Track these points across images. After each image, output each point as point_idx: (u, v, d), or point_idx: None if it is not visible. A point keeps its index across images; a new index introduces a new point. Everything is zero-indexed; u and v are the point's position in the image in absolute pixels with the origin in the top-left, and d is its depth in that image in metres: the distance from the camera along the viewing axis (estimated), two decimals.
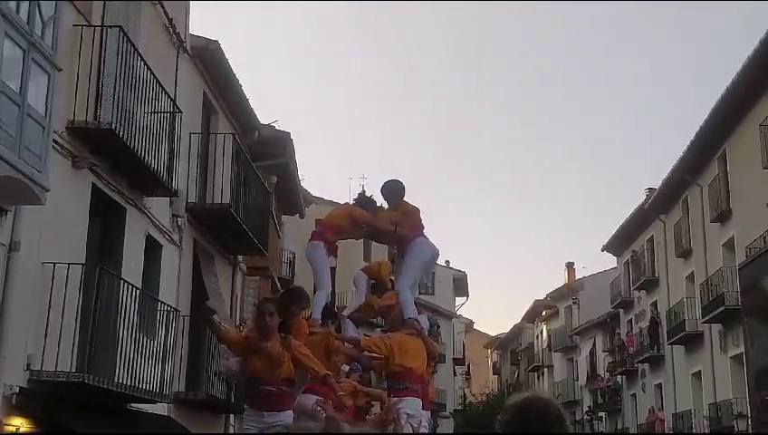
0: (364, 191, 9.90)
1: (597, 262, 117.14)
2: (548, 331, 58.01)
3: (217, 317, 8.45)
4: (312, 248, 9.24)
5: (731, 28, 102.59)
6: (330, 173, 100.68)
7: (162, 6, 15.40)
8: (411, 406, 8.26)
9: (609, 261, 45.64)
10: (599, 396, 46.39)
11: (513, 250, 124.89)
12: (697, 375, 31.04)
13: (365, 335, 9.56)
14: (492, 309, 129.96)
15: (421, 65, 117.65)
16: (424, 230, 9.43)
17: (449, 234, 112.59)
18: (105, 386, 11.35)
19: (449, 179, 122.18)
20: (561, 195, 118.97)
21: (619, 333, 42.90)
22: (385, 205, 9.76)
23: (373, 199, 9.67)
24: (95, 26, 12.13)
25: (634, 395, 40.68)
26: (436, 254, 9.68)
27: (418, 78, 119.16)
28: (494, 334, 75.92)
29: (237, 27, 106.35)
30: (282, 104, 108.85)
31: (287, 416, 7.21)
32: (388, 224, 9.50)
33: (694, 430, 30.29)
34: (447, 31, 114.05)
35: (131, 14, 13.91)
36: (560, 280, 56.94)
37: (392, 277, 10.52)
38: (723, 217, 27.39)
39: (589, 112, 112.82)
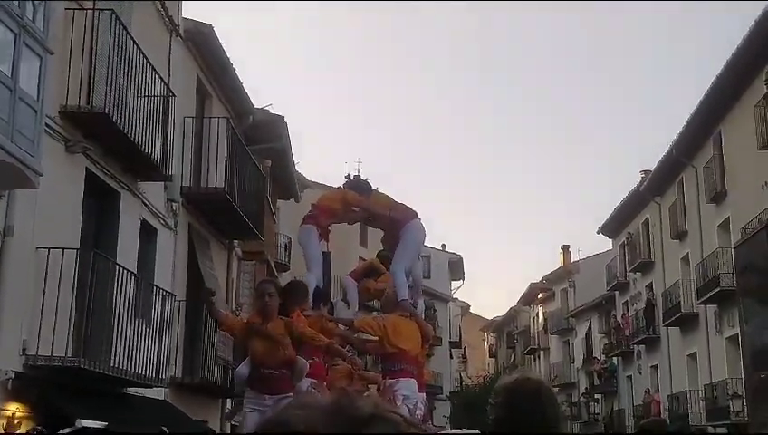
0: (359, 175, 9.82)
1: (592, 244, 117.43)
2: (544, 313, 58.12)
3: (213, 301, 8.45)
4: (304, 232, 9.28)
5: (725, 9, 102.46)
6: (325, 157, 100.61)
7: None
8: (407, 387, 8.28)
9: (605, 243, 45.70)
10: (595, 378, 46.53)
11: (509, 233, 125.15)
12: (693, 356, 31.13)
13: (359, 318, 9.58)
14: (488, 292, 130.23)
15: (416, 45, 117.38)
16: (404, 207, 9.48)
17: (445, 217, 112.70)
18: (101, 371, 11.36)
19: (445, 162, 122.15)
20: (556, 178, 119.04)
21: (614, 315, 42.99)
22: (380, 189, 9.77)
23: (368, 182, 9.64)
24: (87, 10, 12.06)
25: (630, 377, 40.80)
26: (425, 236, 9.80)
27: (414, 58, 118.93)
28: (490, 317, 76.07)
29: (231, 10, 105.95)
30: (276, 88, 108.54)
31: (288, 399, 7.20)
32: (382, 208, 9.50)
33: (690, 412, 30.39)
34: (443, 10, 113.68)
35: None
36: (556, 263, 57.05)
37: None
38: (718, 198, 27.40)
39: (584, 95, 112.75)
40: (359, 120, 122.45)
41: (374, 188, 9.75)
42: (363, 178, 9.76)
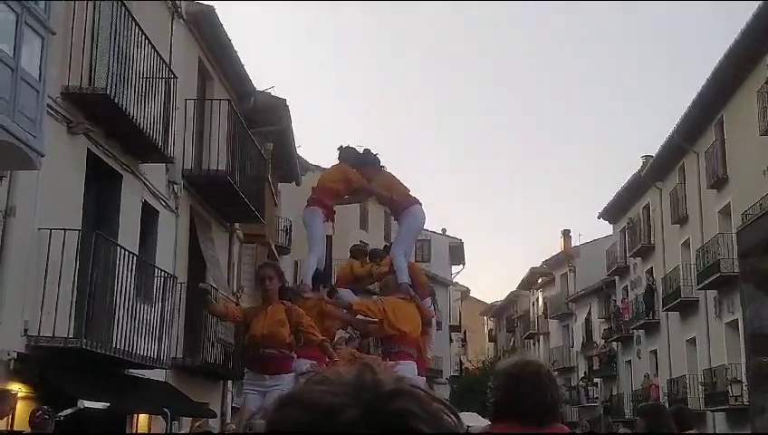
0: (368, 150, 9.66)
1: (593, 229, 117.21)
2: (544, 298, 58.19)
3: (213, 285, 8.49)
4: (308, 213, 9.28)
5: None
6: (326, 141, 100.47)
7: None
8: (406, 370, 8.27)
9: (606, 228, 45.71)
10: (594, 362, 46.63)
11: (510, 218, 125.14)
12: (692, 341, 31.18)
13: (358, 301, 9.60)
14: (488, 277, 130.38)
15: (421, 28, 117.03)
16: (408, 191, 9.48)
17: (446, 202, 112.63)
18: (102, 352, 11.39)
19: (446, 147, 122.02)
20: (557, 162, 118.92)
21: (614, 300, 43.03)
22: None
23: (378, 158, 9.54)
24: None
25: (629, 361, 40.89)
26: (424, 222, 9.82)
27: (418, 42, 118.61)
28: (490, 302, 76.19)
29: None
30: (278, 71, 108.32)
31: (288, 379, 7.21)
32: (385, 189, 9.50)
33: (688, 396, 30.47)
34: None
35: None
36: (556, 247, 57.04)
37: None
38: (719, 183, 27.38)
39: (585, 80, 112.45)
40: (360, 104, 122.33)
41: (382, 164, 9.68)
42: (373, 152, 9.61)
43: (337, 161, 9.69)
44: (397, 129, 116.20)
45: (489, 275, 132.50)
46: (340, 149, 9.66)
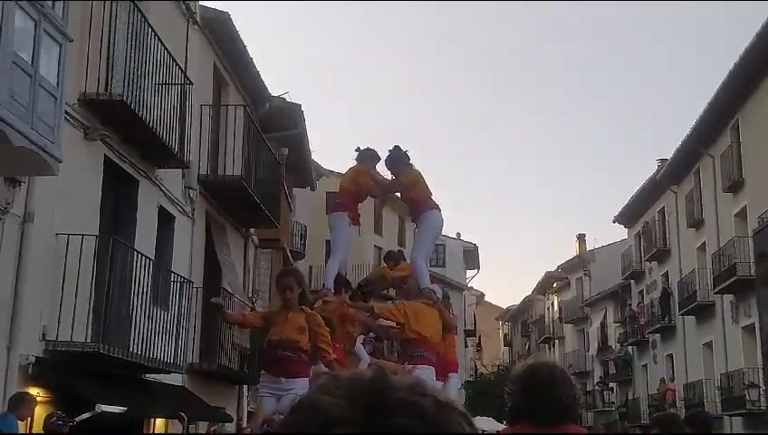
0: (398, 147, 9.58)
1: (608, 233, 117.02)
2: (559, 302, 58.04)
3: (229, 290, 8.51)
4: (335, 219, 9.41)
5: None
6: (341, 145, 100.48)
7: None
8: (425, 374, 8.26)
9: (621, 232, 45.60)
10: (610, 367, 46.46)
11: (525, 222, 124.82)
12: (709, 345, 31.03)
13: (379, 304, 9.62)
14: (503, 281, 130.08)
15: (435, 33, 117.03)
16: (431, 195, 9.47)
17: (460, 206, 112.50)
18: (120, 356, 11.45)
19: (461, 151, 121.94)
20: (572, 166, 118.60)
21: (630, 305, 42.87)
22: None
23: (406, 154, 9.49)
24: None
25: (645, 366, 40.72)
26: (442, 226, 9.81)
27: (431, 47, 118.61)
28: (505, 306, 76.05)
29: None
30: (293, 76, 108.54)
31: (303, 383, 7.20)
32: (403, 187, 9.53)
33: (705, 401, 30.31)
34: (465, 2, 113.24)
35: None
36: (571, 251, 56.96)
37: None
38: (735, 187, 27.26)
39: (601, 83, 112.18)
40: (375, 109, 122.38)
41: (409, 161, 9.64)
42: (403, 149, 9.55)
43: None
44: (412, 133, 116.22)
45: (504, 280, 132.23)
46: (358, 150, 9.70)
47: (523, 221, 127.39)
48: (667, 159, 34.58)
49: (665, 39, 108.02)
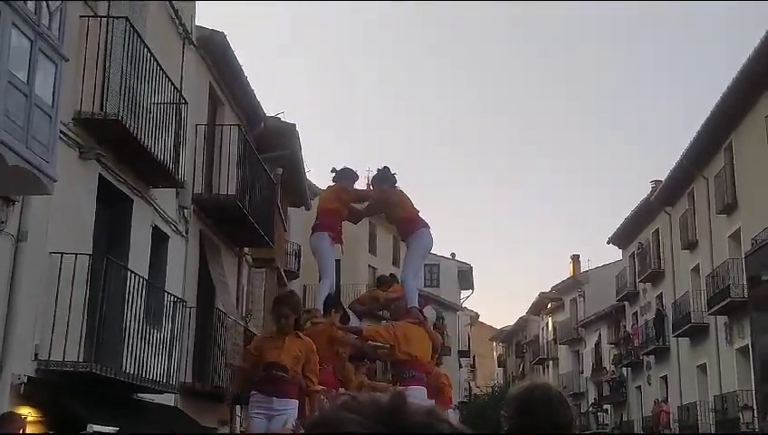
0: (387, 168, 9.63)
1: (602, 254, 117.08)
2: (553, 323, 58.00)
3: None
4: (316, 239, 9.26)
5: (737, 18, 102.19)
6: (336, 165, 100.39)
7: None
8: (416, 395, 8.24)
9: (615, 254, 45.65)
10: (604, 388, 46.38)
11: (519, 243, 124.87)
12: (703, 367, 31.01)
13: (368, 326, 9.61)
14: (497, 302, 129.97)
15: (429, 54, 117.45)
16: (419, 213, 9.47)
17: (455, 226, 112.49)
18: (112, 376, 11.40)
19: (456, 172, 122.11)
20: (567, 187, 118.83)
21: (624, 326, 42.87)
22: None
23: (394, 176, 9.51)
24: (101, 17, 12.15)
25: (639, 387, 40.67)
26: (432, 245, 9.81)
27: (426, 68, 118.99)
28: (499, 327, 75.94)
29: (243, 18, 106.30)
30: (287, 96, 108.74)
31: (294, 405, 7.18)
32: (381, 205, 9.55)
33: (699, 423, 30.26)
34: (455, 18, 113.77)
35: (137, 6, 13.92)
36: (565, 273, 56.96)
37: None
38: (729, 208, 27.33)
39: (594, 105, 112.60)
40: (369, 129, 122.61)
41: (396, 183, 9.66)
42: (392, 171, 9.58)
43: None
44: (406, 153, 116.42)
45: (498, 300, 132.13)
46: (334, 171, 9.70)
47: (518, 241, 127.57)
48: (661, 181, 34.71)
49: (660, 61, 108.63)
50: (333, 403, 1.07)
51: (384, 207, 9.68)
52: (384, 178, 9.44)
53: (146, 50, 13.01)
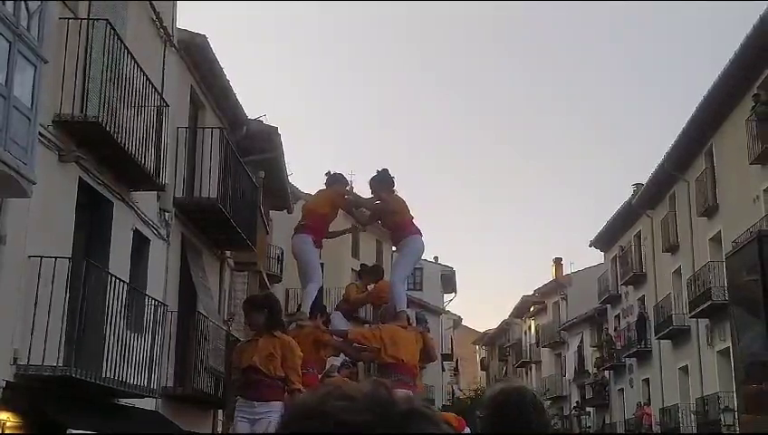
0: (386, 171, 9.49)
1: (584, 257, 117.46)
2: (536, 326, 58.12)
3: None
4: (301, 240, 9.14)
5: (717, 23, 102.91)
6: (318, 169, 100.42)
7: (149, 0, 15.33)
8: None
9: (597, 256, 45.80)
10: (587, 391, 46.50)
11: (502, 246, 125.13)
12: (684, 370, 31.15)
13: (353, 328, 9.56)
14: (480, 305, 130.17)
15: (411, 59, 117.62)
16: (413, 219, 9.40)
17: (438, 230, 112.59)
18: (92, 380, 11.30)
19: (439, 175, 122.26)
20: (548, 191, 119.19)
21: (606, 329, 43.00)
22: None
23: (392, 180, 9.41)
24: (82, 19, 12.07)
25: (621, 390, 40.80)
26: (423, 252, 9.76)
27: (408, 72, 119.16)
28: (482, 330, 76.04)
29: (224, 21, 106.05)
30: (269, 99, 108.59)
31: (277, 407, 7.14)
32: (381, 214, 9.46)
33: (681, 425, 30.38)
34: (438, 26, 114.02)
35: (118, 8, 13.83)
36: (548, 276, 57.09)
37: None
38: (710, 211, 27.48)
39: (575, 109, 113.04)
40: (352, 133, 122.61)
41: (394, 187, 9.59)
42: (391, 175, 9.47)
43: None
44: (389, 157, 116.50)
45: (481, 304, 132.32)
46: (328, 174, 9.63)
47: (501, 245, 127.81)
48: (642, 184, 34.84)
49: (642, 64, 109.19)
50: (314, 392, 1.05)
51: (383, 215, 9.60)
52: (383, 180, 9.37)
53: (127, 52, 12.92)
